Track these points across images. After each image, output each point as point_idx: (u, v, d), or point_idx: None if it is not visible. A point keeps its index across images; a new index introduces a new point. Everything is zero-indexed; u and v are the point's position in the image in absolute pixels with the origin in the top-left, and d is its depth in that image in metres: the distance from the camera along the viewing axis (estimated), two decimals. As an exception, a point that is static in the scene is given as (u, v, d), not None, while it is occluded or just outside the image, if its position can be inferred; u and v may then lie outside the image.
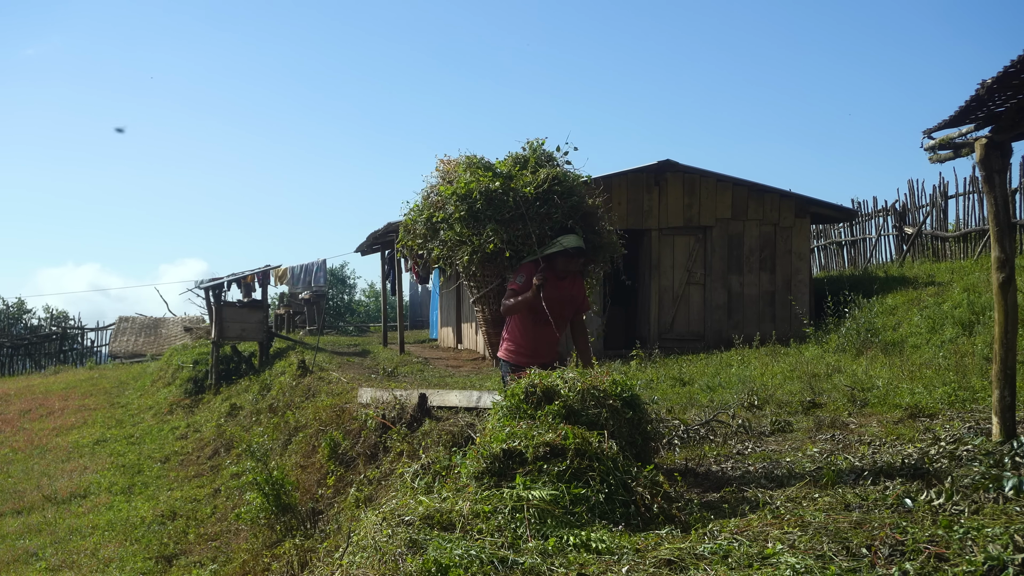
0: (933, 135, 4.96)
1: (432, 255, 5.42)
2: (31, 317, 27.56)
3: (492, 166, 5.28)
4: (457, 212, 5.03)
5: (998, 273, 4.64)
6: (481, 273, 5.18)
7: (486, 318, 5.39)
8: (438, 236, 5.26)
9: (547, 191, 5.01)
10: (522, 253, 5.04)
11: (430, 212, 5.30)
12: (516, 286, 4.94)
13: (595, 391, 4.12)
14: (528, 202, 4.97)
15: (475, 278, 5.25)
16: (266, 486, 7.13)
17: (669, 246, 12.74)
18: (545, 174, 5.06)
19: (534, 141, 5.40)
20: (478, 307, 5.43)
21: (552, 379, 4.18)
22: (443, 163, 5.53)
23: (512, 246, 5.01)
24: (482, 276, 5.21)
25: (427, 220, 5.33)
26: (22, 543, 9.37)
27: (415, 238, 5.52)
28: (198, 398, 15.28)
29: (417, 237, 5.50)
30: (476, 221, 5.02)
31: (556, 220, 5.01)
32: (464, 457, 4.01)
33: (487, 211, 4.99)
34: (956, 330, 8.87)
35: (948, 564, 2.63)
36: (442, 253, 5.29)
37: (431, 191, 5.42)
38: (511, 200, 4.97)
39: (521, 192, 4.98)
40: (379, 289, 28.23)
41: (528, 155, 5.33)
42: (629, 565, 2.83)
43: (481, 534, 3.15)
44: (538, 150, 5.34)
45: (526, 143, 5.42)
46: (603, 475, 3.56)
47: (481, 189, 5.01)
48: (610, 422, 4.00)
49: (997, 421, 4.58)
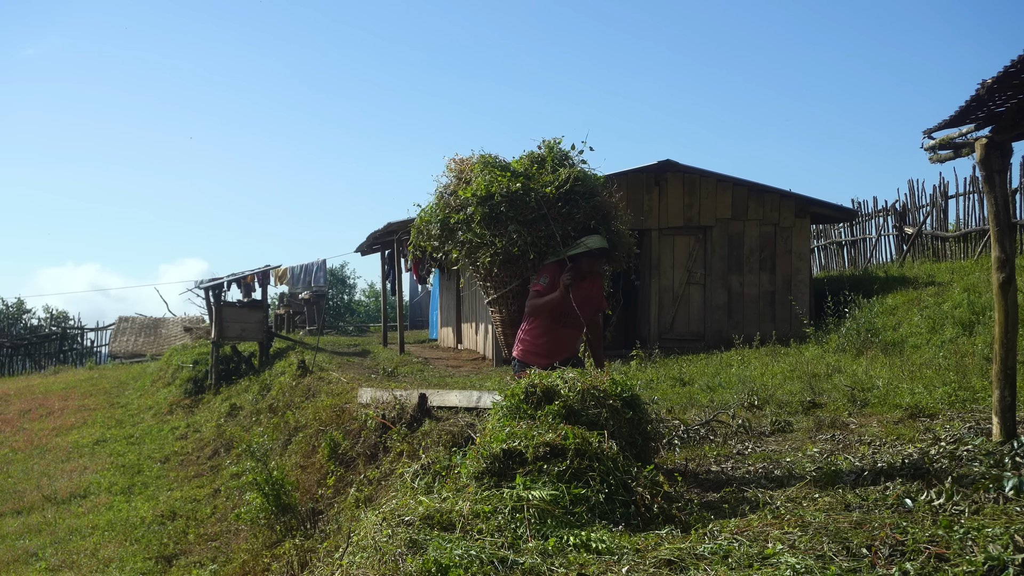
0: (933, 135, 4.95)
1: (450, 257, 5.35)
2: (31, 317, 27.60)
3: (509, 165, 5.20)
4: (478, 213, 4.97)
5: (998, 273, 4.64)
6: (502, 274, 5.12)
7: (502, 319, 5.32)
8: (455, 237, 5.19)
9: (569, 191, 4.97)
10: (545, 254, 4.99)
11: (446, 213, 5.21)
12: (540, 287, 4.90)
13: (595, 391, 4.11)
14: (550, 202, 4.92)
15: (494, 279, 5.18)
16: (266, 486, 7.13)
17: (669, 246, 12.74)
18: (567, 174, 5.01)
19: (551, 140, 5.31)
20: (494, 308, 5.36)
21: (552, 379, 4.18)
22: (455, 163, 5.44)
23: (536, 247, 4.95)
24: (502, 277, 5.14)
25: (443, 221, 5.23)
26: (22, 543, 9.37)
27: (429, 240, 5.43)
28: (198, 398, 15.28)
29: (432, 239, 5.40)
30: (497, 223, 4.96)
31: (578, 220, 4.97)
32: (464, 457, 4.01)
33: (509, 212, 4.94)
34: (956, 330, 8.87)
35: (948, 564, 2.63)
36: (461, 254, 5.21)
37: (445, 191, 5.33)
38: (532, 201, 4.92)
39: (542, 192, 4.93)
40: (379, 289, 28.27)
41: (545, 154, 5.26)
42: (629, 565, 2.83)
43: (481, 534, 3.15)
44: (555, 149, 5.26)
45: (542, 142, 5.33)
46: (603, 475, 3.56)
47: (502, 190, 4.95)
48: (610, 422, 4.00)
49: (997, 421, 4.58)
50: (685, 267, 12.77)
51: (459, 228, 5.14)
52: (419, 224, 5.52)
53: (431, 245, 5.46)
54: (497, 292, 5.22)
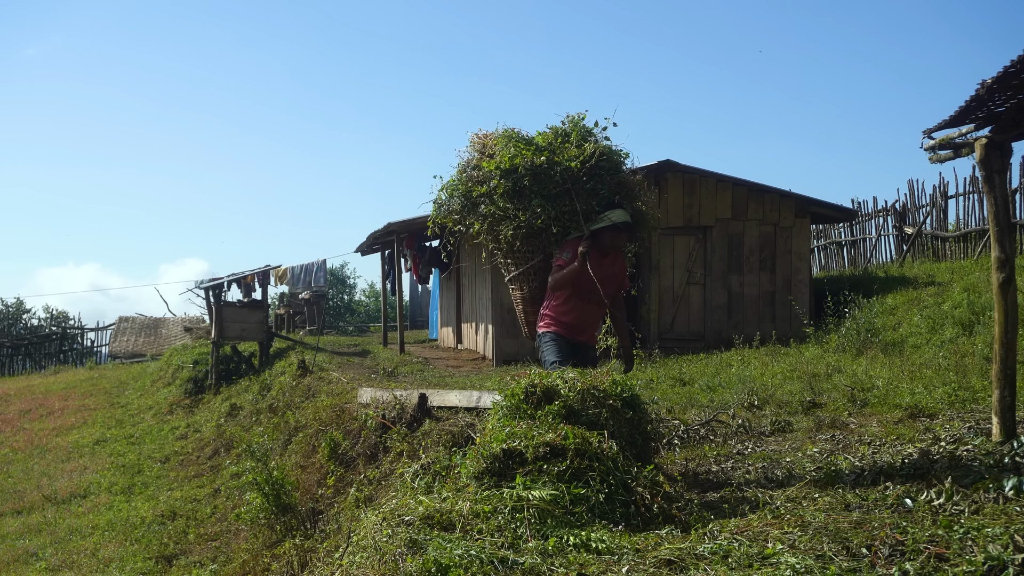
0: (933, 135, 4.95)
1: (472, 230, 5.25)
2: (31, 317, 27.59)
3: (532, 140, 5.13)
4: (501, 187, 4.92)
5: (998, 273, 4.64)
6: (524, 248, 5.06)
7: (523, 296, 5.25)
8: (477, 211, 5.12)
9: (594, 166, 4.92)
10: (569, 229, 4.95)
11: (468, 187, 5.15)
12: (562, 261, 4.85)
13: (595, 391, 4.11)
14: (575, 177, 4.88)
15: (516, 254, 5.12)
16: (266, 486, 7.12)
17: (669, 246, 12.73)
18: (592, 148, 4.95)
19: (575, 115, 5.23)
20: (515, 285, 5.29)
21: (552, 379, 4.18)
22: (478, 137, 5.36)
23: (559, 222, 4.91)
24: (524, 252, 5.08)
25: (465, 195, 5.16)
26: (22, 543, 9.37)
27: (450, 214, 5.34)
28: (198, 398, 15.28)
29: (452, 213, 5.31)
30: (521, 196, 4.92)
31: (603, 196, 4.93)
32: (464, 457, 4.01)
33: (533, 186, 4.89)
34: (956, 330, 8.87)
35: (948, 564, 2.63)
36: (483, 228, 5.14)
37: (467, 165, 5.26)
38: (557, 175, 4.88)
39: (567, 166, 4.88)
40: (379, 289, 28.27)
41: (569, 129, 5.19)
42: (629, 565, 2.83)
43: (481, 534, 3.15)
44: (579, 124, 5.19)
45: (566, 117, 5.25)
46: (603, 475, 3.56)
47: (526, 164, 4.89)
48: (610, 422, 4.00)
49: (997, 421, 4.58)
50: (685, 267, 12.77)
51: (481, 201, 5.07)
52: (439, 199, 5.42)
53: (452, 219, 5.36)
54: (519, 268, 5.16)
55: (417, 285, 23.77)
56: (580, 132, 5.17)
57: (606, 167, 4.97)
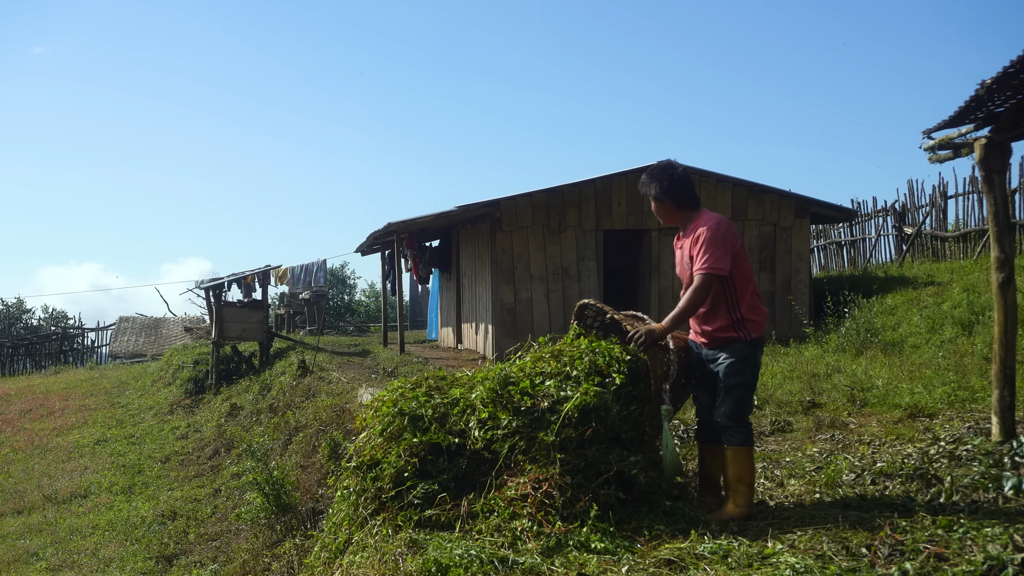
0: (933, 135, 4.96)
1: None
2: (30, 317, 27.59)
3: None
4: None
5: (998, 273, 4.65)
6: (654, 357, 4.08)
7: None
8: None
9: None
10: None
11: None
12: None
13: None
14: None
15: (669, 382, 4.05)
16: (266, 486, 7.13)
17: (669, 246, 12.73)
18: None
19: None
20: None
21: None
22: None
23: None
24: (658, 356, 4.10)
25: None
26: (22, 543, 9.37)
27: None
28: (198, 398, 15.28)
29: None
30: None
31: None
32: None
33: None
34: (956, 330, 8.87)
35: (948, 564, 2.63)
36: None
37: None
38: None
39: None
40: (379, 289, 28.27)
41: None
42: (629, 565, 2.83)
43: (481, 534, 3.15)
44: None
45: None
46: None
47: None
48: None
49: (997, 421, 4.59)
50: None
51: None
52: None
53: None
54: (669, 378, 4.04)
55: (417, 285, 23.77)
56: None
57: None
